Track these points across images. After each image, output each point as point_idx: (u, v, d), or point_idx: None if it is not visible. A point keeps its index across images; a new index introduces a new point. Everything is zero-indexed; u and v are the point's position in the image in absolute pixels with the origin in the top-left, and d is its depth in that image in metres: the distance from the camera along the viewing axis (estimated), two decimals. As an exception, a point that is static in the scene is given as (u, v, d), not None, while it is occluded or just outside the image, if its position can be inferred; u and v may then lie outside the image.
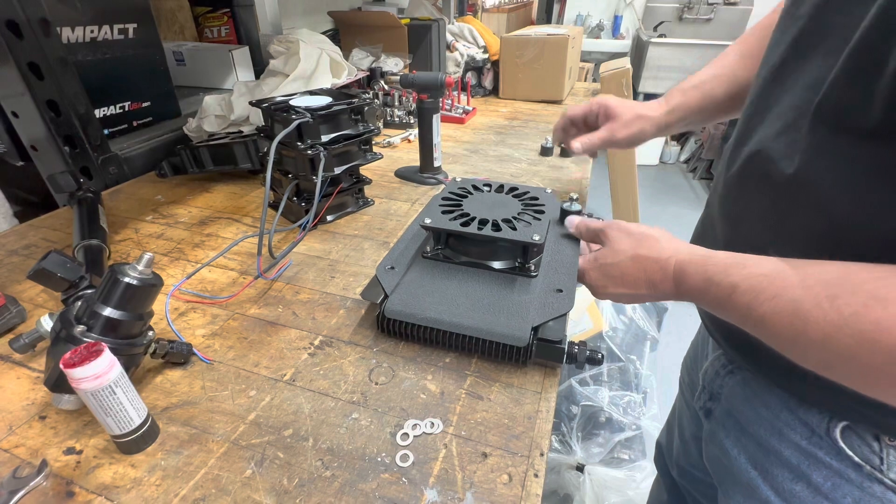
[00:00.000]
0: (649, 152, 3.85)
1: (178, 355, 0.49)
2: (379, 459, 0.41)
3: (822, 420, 0.42)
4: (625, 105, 0.68)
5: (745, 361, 0.49)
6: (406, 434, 0.43)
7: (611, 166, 1.76)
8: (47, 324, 0.46)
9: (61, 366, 0.35)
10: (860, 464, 0.40)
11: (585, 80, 2.71)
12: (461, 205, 0.60)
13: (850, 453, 0.40)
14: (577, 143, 0.69)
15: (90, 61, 0.91)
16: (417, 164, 0.96)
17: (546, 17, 3.68)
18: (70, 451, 0.42)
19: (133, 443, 0.41)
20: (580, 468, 1.22)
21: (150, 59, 1.03)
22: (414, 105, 1.30)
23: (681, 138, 4.04)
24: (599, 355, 0.48)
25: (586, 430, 1.27)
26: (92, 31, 0.91)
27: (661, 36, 3.46)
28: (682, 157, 3.99)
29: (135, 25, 0.98)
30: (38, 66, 0.74)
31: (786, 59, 0.42)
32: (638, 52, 3.43)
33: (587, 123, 0.72)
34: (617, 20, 3.90)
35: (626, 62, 1.53)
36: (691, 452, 0.70)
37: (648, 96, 3.47)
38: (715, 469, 0.56)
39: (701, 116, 0.65)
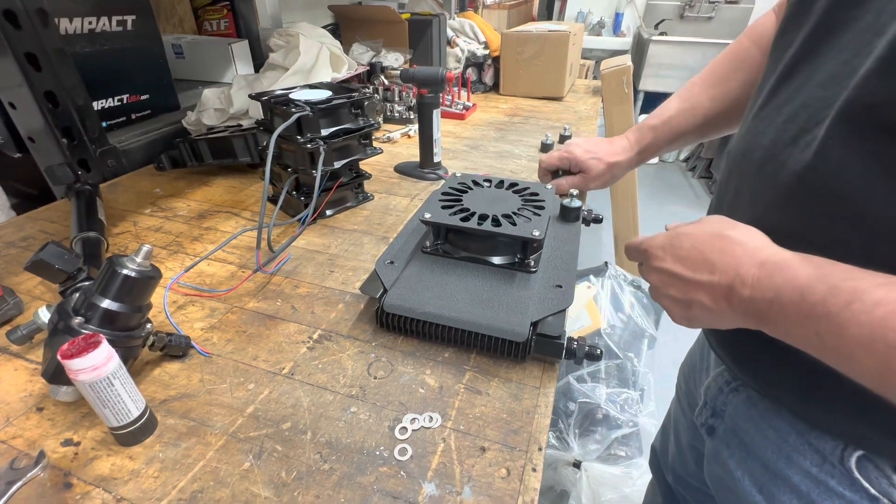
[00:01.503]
0: (649, 151, 3.84)
1: (176, 348, 0.49)
2: (377, 453, 0.41)
3: (836, 447, 0.39)
4: (593, 156, 0.70)
5: (752, 381, 0.47)
6: (404, 428, 0.43)
7: (610, 164, 1.76)
8: (45, 315, 0.46)
9: (59, 357, 0.35)
10: (877, 496, 0.37)
11: (586, 78, 2.70)
12: (461, 200, 0.60)
13: (867, 485, 0.37)
14: (550, 185, 0.70)
15: (88, 53, 0.90)
16: (417, 159, 0.96)
17: (547, 14, 3.67)
18: (68, 442, 0.41)
19: (131, 435, 0.40)
20: (577, 465, 1.22)
21: (148, 52, 1.03)
22: (414, 100, 1.30)
23: (680, 137, 4.02)
24: (598, 351, 0.48)
25: (583, 426, 1.27)
26: (90, 23, 0.90)
27: (662, 34, 3.45)
28: (682, 156, 3.99)
29: (133, 17, 0.97)
30: (35, 57, 0.74)
31: (796, 58, 0.40)
32: (639, 50, 3.42)
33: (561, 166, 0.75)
34: (618, 17, 3.89)
35: (626, 59, 1.53)
36: (687, 461, 0.69)
37: (649, 94, 3.46)
38: (717, 488, 0.54)
39: (671, 148, 0.69)
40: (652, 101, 3.59)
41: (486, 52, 1.62)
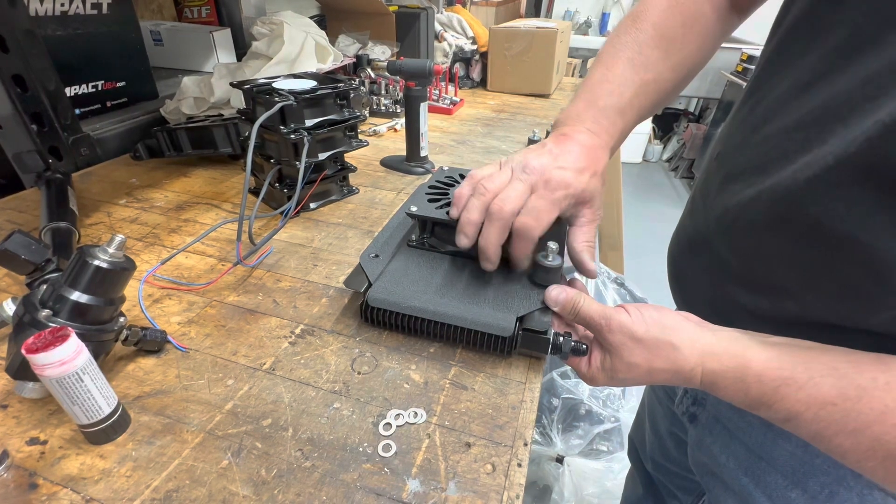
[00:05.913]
0: (633, 150, 3.90)
1: (151, 343, 0.47)
2: (361, 450, 0.40)
3: None
4: (590, 188, 0.50)
5: None
6: (389, 424, 0.42)
7: (596, 162, 1.77)
8: (10, 308, 0.44)
9: (23, 351, 0.33)
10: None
11: (573, 76, 2.71)
12: (448, 194, 0.60)
13: None
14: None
15: (61, 36, 0.87)
16: (403, 153, 0.95)
17: (535, 12, 3.67)
18: (34, 441, 0.40)
19: (102, 433, 0.39)
20: (560, 459, 1.23)
21: (125, 38, 0.99)
22: (401, 94, 1.29)
23: (664, 137, 4.09)
24: (584, 346, 0.48)
25: (566, 422, 1.28)
26: (62, 5, 0.86)
27: (647, 35, 3.48)
28: (665, 156, 4.05)
29: (109, 1, 0.93)
30: (2, 38, 0.70)
31: (818, 74, 0.36)
32: (624, 50, 3.45)
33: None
34: (604, 17, 3.92)
35: (613, 58, 1.53)
36: (667, 447, 0.69)
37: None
38: (703, 474, 0.55)
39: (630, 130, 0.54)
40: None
41: (474, 47, 1.62)
